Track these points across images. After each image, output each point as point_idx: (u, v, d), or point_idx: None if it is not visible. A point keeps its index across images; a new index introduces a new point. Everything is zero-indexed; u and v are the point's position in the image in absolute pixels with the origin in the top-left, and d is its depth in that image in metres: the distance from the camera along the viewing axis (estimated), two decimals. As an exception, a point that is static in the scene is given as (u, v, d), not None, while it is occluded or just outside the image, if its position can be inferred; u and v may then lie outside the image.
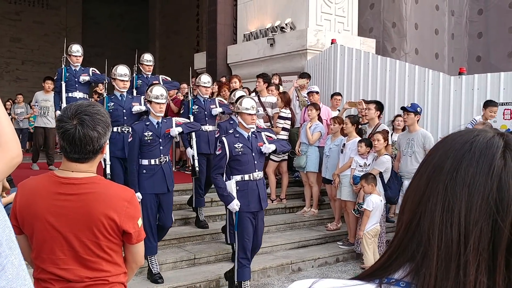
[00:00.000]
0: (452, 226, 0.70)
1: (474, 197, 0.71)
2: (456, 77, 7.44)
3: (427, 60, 13.04)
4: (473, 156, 0.74)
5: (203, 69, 14.49)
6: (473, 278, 0.68)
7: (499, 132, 0.78)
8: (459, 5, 14.16)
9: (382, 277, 0.76)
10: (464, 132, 0.79)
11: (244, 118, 5.11)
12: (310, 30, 11.15)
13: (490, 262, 0.68)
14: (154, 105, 5.34)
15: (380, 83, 8.60)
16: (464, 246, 0.69)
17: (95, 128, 2.03)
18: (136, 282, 5.20)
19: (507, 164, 0.72)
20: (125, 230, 2.09)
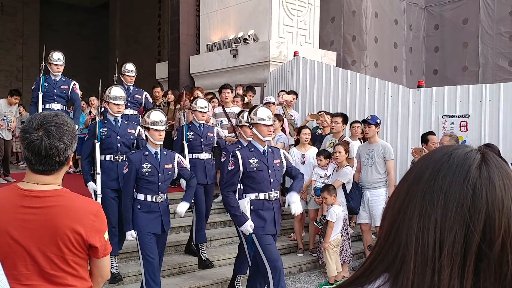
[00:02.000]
0: (428, 232, 0.74)
1: (450, 204, 0.75)
2: (415, 90, 7.65)
3: (386, 73, 13.36)
4: (450, 166, 0.77)
5: (165, 79, 14.41)
6: (447, 282, 0.70)
7: (478, 148, 0.82)
8: (416, 19, 14.60)
9: (363, 284, 0.78)
10: (445, 146, 0.83)
11: (260, 129, 4.61)
12: (273, 42, 11.26)
13: (462, 268, 0.71)
14: (153, 132, 4.78)
15: (341, 95, 8.76)
16: (440, 251, 0.72)
17: (62, 139, 1.98)
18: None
19: (481, 175, 0.75)
20: (91, 244, 2.04)
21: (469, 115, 6.95)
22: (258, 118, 4.61)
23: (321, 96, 9.10)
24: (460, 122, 7.01)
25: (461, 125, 7.01)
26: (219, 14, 12.85)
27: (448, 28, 14.35)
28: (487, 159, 0.78)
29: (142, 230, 4.62)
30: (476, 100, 6.91)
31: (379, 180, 6.62)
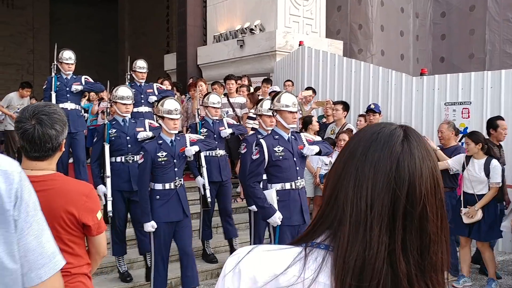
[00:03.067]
0: (361, 198, 0.88)
1: (378, 175, 0.89)
2: (418, 78, 7.73)
3: (392, 61, 13.40)
4: (378, 143, 0.91)
5: (173, 70, 14.56)
6: (376, 238, 0.84)
7: (401, 125, 0.95)
8: (423, 7, 14.58)
9: (307, 241, 0.93)
10: (373, 125, 0.97)
11: (284, 116, 4.41)
12: (279, 32, 11.35)
13: (390, 226, 0.86)
14: (167, 121, 4.67)
15: (346, 84, 8.86)
16: (370, 213, 0.86)
17: (53, 127, 2.15)
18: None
19: (403, 150, 0.89)
20: (85, 223, 2.20)
21: (470, 102, 7.02)
22: (282, 105, 4.41)
23: (326, 85, 9.19)
24: (462, 109, 7.09)
25: (463, 112, 7.08)
26: (225, 5, 12.95)
27: (455, 15, 14.33)
28: (409, 135, 0.92)
29: (161, 221, 4.58)
30: (478, 87, 6.98)
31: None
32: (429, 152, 0.91)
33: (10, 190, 1.22)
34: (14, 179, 1.23)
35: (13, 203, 1.22)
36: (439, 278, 0.88)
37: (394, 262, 0.84)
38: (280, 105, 4.43)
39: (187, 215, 4.72)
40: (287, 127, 4.44)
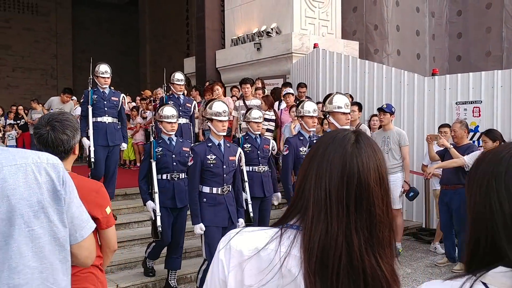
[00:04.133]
0: (321, 189, 1.13)
1: (334, 170, 1.14)
2: (430, 78, 7.89)
3: (409, 60, 13.52)
4: (334, 145, 1.17)
5: (192, 74, 14.90)
6: (335, 219, 1.10)
7: (354, 130, 1.20)
8: (439, 6, 14.65)
9: (282, 224, 1.19)
10: (332, 131, 1.23)
11: (337, 118, 4.59)
12: (295, 34, 11.59)
13: (346, 210, 1.11)
14: (216, 123, 4.75)
15: (360, 85, 9.06)
16: (329, 201, 1.12)
17: (65, 132, 2.44)
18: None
19: (354, 150, 1.15)
20: (94, 216, 2.40)
21: (481, 101, 7.16)
22: (335, 106, 4.55)
23: (341, 86, 9.40)
24: (473, 108, 7.24)
25: (474, 111, 7.23)
26: (242, 9, 13.23)
27: (471, 13, 14.35)
28: (359, 139, 1.17)
29: (209, 224, 4.64)
30: (488, 86, 7.12)
31: (396, 165, 6.88)
32: (375, 152, 1.16)
33: (59, 176, 1.71)
34: (60, 169, 1.73)
35: (62, 186, 1.71)
36: (386, 252, 1.12)
37: (349, 238, 1.10)
38: (332, 106, 4.51)
39: (233, 223, 4.75)
40: (308, 129, 4.64)
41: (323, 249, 1.10)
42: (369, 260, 1.09)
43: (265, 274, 1.13)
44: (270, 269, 1.12)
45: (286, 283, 1.12)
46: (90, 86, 6.97)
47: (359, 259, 1.09)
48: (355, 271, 1.08)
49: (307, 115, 5.47)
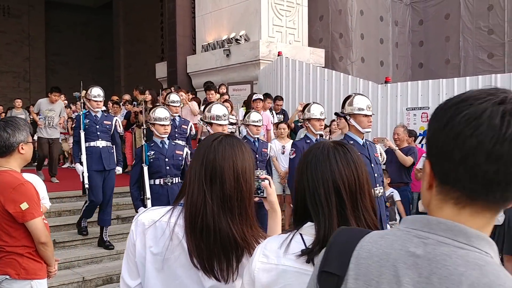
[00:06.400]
0: (191, 172, 1.58)
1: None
2: (383, 85, 8.44)
3: (372, 68, 14.10)
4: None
5: (164, 78, 15.24)
6: (197, 192, 1.55)
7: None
8: (402, 15, 15.27)
9: (176, 203, 1.66)
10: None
11: (359, 120, 4.26)
12: (263, 42, 12.05)
13: (203, 185, 1.55)
14: (216, 127, 4.82)
15: (320, 91, 9.57)
16: (194, 179, 1.57)
17: (5, 130, 2.87)
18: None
19: (214, 145, 1.59)
20: (7, 210, 2.79)
21: (429, 107, 7.73)
22: (355, 108, 4.28)
23: (303, 93, 9.90)
24: (422, 113, 7.80)
25: (422, 116, 7.80)
26: (213, 16, 13.65)
27: (432, 23, 15.01)
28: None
29: None
30: (435, 94, 7.69)
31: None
32: (232, 147, 1.59)
33: None
34: None
35: None
36: (237, 218, 1.57)
37: (206, 206, 1.56)
38: (353, 108, 4.27)
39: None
40: (362, 131, 4.28)
41: (190, 215, 1.57)
42: (221, 223, 1.55)
43: (158, 237, 1.60)
44: (162, 234, 1.60)
45: (175, 245, 1.59)
46: (82, 109, 6.83)
47: (212, 221, 1.55)
48: (211, 230, 1.54)
49: (314, 118, 5.53)
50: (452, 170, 0.89)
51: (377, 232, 1.00)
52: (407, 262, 0.90)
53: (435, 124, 0.94)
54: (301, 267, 1.39)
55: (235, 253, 1.57)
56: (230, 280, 1.57)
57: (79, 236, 6.69)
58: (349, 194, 1.45)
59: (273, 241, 1.47)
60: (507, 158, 0.85)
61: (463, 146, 0.87)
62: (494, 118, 0.85)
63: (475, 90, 0.93)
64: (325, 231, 1.40)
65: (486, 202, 0.89)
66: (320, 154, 1.51)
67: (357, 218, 1.44)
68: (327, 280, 0.99)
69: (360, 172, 1.49)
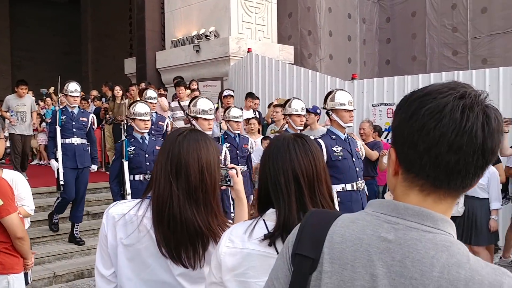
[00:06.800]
0: (157, 166, 1.65)
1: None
2: (350, 82, 8.62)
3: (340, 65, 14.33)
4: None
5: (133, 74, 15.15)
6: (163, 184, 1.62)
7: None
8: (369, 13, 15.53)
9: (144, 196, 1.73)
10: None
11: (341, 115, 4.39)
12: (232, 38, 12.11)
13: (169, 178, 1.63)
14: (202, 121, 4.68)
15: (289, 88, 9.71)
16: (160, 172, 1.65)
17: None
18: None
19: (179, 140, 1.67)
20: None
21: (394, 103, 7.93)
22: (337, 103, 4.33)
23: (272, 89, 10.02)
24: (387, 109, 8.01)
25: (388, 112, 8.00)
26: (182, 12, 13.63)
27: (399, 20, 15.31)
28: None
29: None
30: (400, 90, 7.90)
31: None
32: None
33: None
34: None
35: None
36: (202, 209, 1.66)
37: (173, 197, 1.63)
38: (335, 103, 4.32)
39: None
40: (344, 126, 4.37)
41: (158, 206, 1.66)
42: (187, 213, 1.64)
43: (128, 228, 1.69)
44: (131, 226, 1.69)
45: (144, 235, 1.68)
46: (58, 105, 6.71)
47: (179, 212, 1.64)
48: (177, 220, 1.63)
49: (294, 114, 5.55)
50: (416, 160, 0.96)
51: (347, 216, 1.05)
52: (379, 247, 0.95)
53: (401, 115, 1.00)
54: (264, 250, 1.49)
55: (201, 241, 1.66)
56: (197, 267, 1.67)
57: (49, 232, 6.67)
58: (307, 182, 1.55)
59: (238, 227, 1.57)
60: (467, 149, 0.92)
61: (427, 138, 0.93)
62: (455, 112, 0.92)
63: (438, 84, 1.00)
64: (285, 216, 1.49)
65: (448, 189, 0.96)
66: (281, 145, 1.60)
67: (315, 204, 1.54)
68: (301, 263, 1.03)
69: (318, 162, 1.59)
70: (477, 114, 0.93)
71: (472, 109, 0.93)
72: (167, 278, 1.70)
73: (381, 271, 0.94)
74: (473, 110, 0.93)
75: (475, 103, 0.94)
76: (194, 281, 1.71)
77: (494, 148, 0.94)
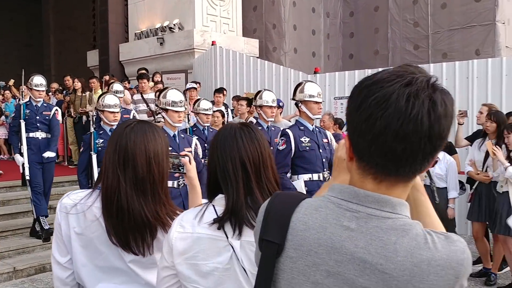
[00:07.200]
0: (106, 159, 1.68)
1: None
2: (312, 75, 8.74)
3: (305, 58, 14.46)
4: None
5: (96, 66, 14.95)
6: (111, 175, 1.66)
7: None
8: (333, 7, 15.70)
9: (95, 187, 1.76)
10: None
11: (310, 107, 4.44)
12: (197, 31, 12.08)
13: (117, 169, 1.66)
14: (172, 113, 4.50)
15: (253, 81, 9.76)
16: (108, 163, 1.68)
17: None
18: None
19: (126, 132, 1.71)
20: None
21: (355, 96, 8.09)
22: (306, 95, 4.37)
23: (237, 82, 10.05)
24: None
25: (349, 105, 8.16)
26: (146, 4, 13.51)
27: (362, 14, 15.53)
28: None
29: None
30: (360, 84, 8.05)
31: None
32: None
33: None
34: None
35: None
36: (149, 199, 1.70)
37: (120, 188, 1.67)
38: (304, 95, 4.37)
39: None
40: (313, 117, 4.45)
41: (106, 197, 1.71)
42: (134, 204, 1.69)
43: (79, 218, 1.74)
44: (83, 216, 1.74)
45: (95, 225, 1.73)
46: (22, 99, 6.59)
47: (126, 202, 1.69)
48: (125, 210, 1.68)
49: (265, 105, 5.54)
50: (366, 148, 0.97)
51: (310, 203, 1.07)
52: (342, 235, 0.98)
53: (351, 104, 1.01)
54: (213, 233, 1.55)
55: (149, 230, 1.72)
56: (147, 254, 1.73)
57: (9, 227, 6.57)
58: (253, 168, 1.61)
59: (189, 213, 1.62)
60: (413, 136, 0.92)
61: (374, 127, 0.94)
62: (400, 101, 0.92)
63: (387, 71, 0.99)
64: (233, 201, 1.56)
65: (397, 176, 0.98)
66: (228, 134, 1.65)
67: (261, 189, 1.60)
68: (268, 247, 1.06)
69: (263, 149, 1.65)
70: (423, 101, 0.93)
71: (417, 96, 0.93)
72: (120, 264, 1.76)
73: (345, 257, 0.97)
74: (419, 97, 0.93)
75: (421, 90, 0.93)
76: (146, 267, 1.77)
77: (441, 133, 0.95)
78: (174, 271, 1.58)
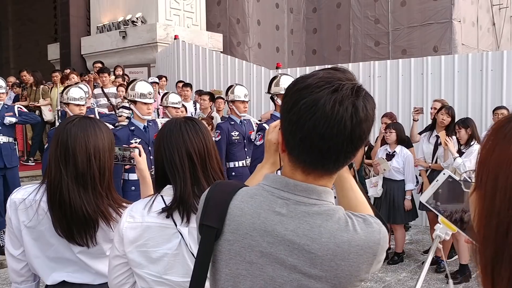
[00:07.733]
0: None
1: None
2: (274, 71, 8.84)
3: (269, 53, 14.57)
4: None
5: (57, 60, 14.68)
6: (54, 170, 1.74)
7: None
8: (297, 3, 15.85)
9: (43, 182, 1.83)
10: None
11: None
12: (160, 25, 12.02)
13: (59, 165, 1.75)
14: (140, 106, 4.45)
15: (216, 76, 9.81)
16: (51, 160, 1.75)
17: None
18: None
19: (67, 128, 1.79)
20: None
21: (316, 91, 8.23)
22: (281, 89, 4.54)
23: (199, 77, 10.08)
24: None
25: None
26: (108, -3, 13.35)
27: (325, 11, 15.74)
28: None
29: None
30: (321, 79, 8.19)
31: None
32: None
33: None
34: None
35: None
36: (90, 193, 1.79)
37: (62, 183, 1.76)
38: (279, 88, 4.56)
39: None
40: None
41: (50, 191, 1.80)
42: (75, 197, 1.78)
43: (28, 212, 1.83)
44: (31, 210, 1.82)
45: (43, 218, 1.82)
46: None
47: (68, 196, 1.78)
48: (67, 204, 1.78)
49: (238, 100, 5.65)
50: (295, 146, 1.09)
51: (247, 191, 1.17)
52: (274, 220, 1.10)
53: (284, 105, 1.11)
54: (162, 222, 1.64)
55: (91, 222, 1.81)
56: (91, 245, 1.83)
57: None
58: (199, 159, 1.70)
59: (138, 204, 1.70)
60: (337, 138, 1.04)
61: (303, 128, 1.05)
62: (327, 106, 1.03)
63: (317, 76, 1.08)
64: (181, 190, 1.65)
65: (323, 170, 1.11)
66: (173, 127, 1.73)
67: (207, 178, 1.70)
68: (207, 232, 1.16)
69: (208, 141, 1.75)
70: (347, 107, 1.03)
71: (342, 102, 1.03)
72: (69, 255, 1.86)
73: (277, 239, 1.09)
74: (343, 104, 1.03)
75: (345, 97, 1.04)
76: (95, 257, 1.87)
77: (362, 135, 1.07)
78: (125, 260, 1.66)
